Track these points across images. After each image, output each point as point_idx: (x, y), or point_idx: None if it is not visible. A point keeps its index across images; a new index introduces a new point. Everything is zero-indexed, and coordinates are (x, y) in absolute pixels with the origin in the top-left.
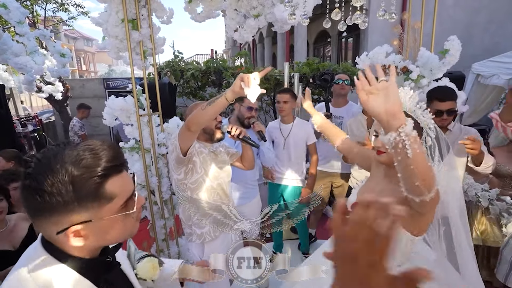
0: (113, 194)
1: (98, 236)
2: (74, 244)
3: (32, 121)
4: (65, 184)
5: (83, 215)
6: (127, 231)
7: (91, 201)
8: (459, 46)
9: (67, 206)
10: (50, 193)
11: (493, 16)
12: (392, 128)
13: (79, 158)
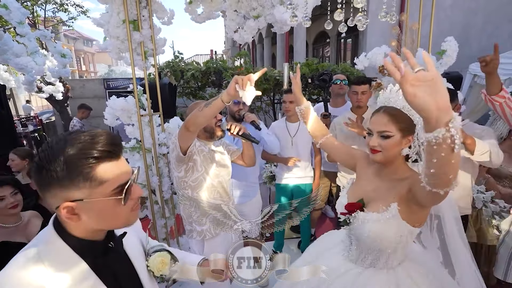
0: (103, 178)
1: (91, 217)
2: (69, 220)
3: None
4: (59, 162)
5: (75, 193)
6: (120, 218)
7: (82, 181)
8: (456, 47)
9: (61, 182)
10: (48, 169)
11: (489, 17)
12: (441, 124)
13: (77, 141)
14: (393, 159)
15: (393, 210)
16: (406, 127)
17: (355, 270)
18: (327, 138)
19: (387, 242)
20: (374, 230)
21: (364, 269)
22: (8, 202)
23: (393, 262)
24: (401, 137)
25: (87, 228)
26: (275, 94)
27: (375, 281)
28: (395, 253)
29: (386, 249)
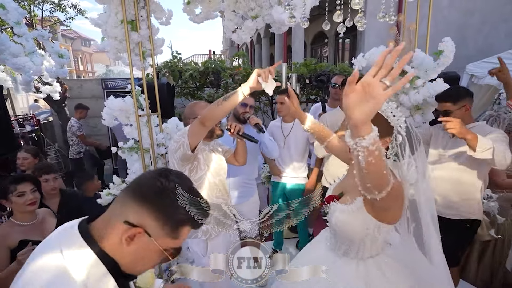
0: (179, 236)
1: (135, 251)
2: (120, 241)
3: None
4: (179, 204)
5: (154, 229)
6: (147, 266)
7: (170, 227)
8: (453, 47)
9: (162, 213)
10: (168, 199)
11: (486, 18)
12: (353, 135)
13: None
14: None
15: (358, 203)
16: (382, 129)
17: (332, 259)
18: (331, 140)
19: (353, 232)
20: (341, 219)
21: (338, 258)
22: (28, 198)
23: (364, 254)
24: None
25: (114, 252)
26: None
27: (346, 270)
28: (365, 245)
29: (354, 239)
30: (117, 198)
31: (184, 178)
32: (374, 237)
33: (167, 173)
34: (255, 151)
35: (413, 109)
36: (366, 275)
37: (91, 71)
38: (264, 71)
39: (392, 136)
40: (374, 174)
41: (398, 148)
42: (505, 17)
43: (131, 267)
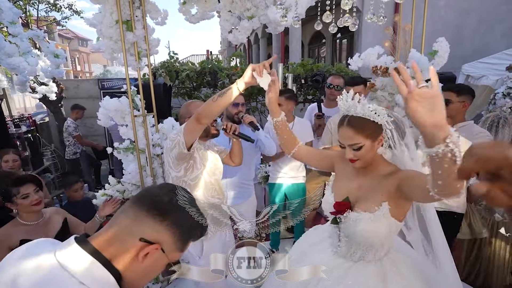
0: (185, 249)
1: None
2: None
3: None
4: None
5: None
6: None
7: (181, 243)
8: (447, 47)
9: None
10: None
11: (482, 18)
12: (439, 140)
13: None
14: (372, 161)
15: (384, 209)
16: (372, 132)
17: (345, 265)
18: (298, 148)
19: (378, 238)
20: (367, 229)
21: (354, 263)
22: (33, 199)
23: (380, 254)
24: (372, 142)
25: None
26: None
27: (365, 273)
28: (383, 247)
29: (374, 244)
30: (125, 214)
31: (188, 193)
32: (392, 237)
33: (175, 188)
34: (251, 152)
35: None
36: (383, 274)
37: (89, 71)
38: (259, 65)
39: (383, 132)
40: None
41: (390, 140)
42: (500, 17)
43: (135, 283)
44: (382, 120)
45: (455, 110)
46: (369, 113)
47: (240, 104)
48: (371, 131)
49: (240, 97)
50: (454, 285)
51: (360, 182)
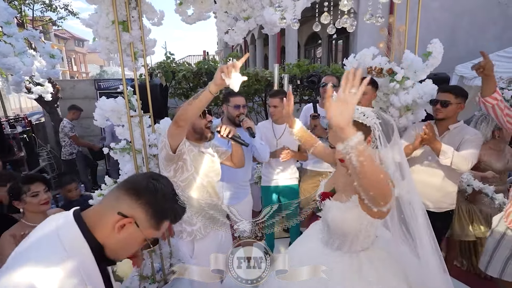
0: (160, 228)
1: (123, 238)
2: (113, 229)
3: (21, 122)
4: (165, 202)
5: (142, 221)
6: (129, 253)
7: (154, 221)
8: (441, 48)
9: (150, 209)
10: (158, 197)
11: (476, 20)
12: (341, 139)
13: (177, 200)
14: None
15: (353, 201)
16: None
17: (325, 251)
18: (316, 146)
19: (348, 227)
20: (337, 217)
21: (332, 251)
22: (42, 198)
23: (356, 247)
24: None
25: (105, 241)
26: (267, 94)
27: (339, 263)
28: (358, 239)
29: (348, 234)
30: (111, 193)
31: (169, 183)
32: (366, 232)
33: (157, 176)
34: (249, 153)
35: (402, 109)
36: (359, 268)
37: (85, 71)
38: (228, 66)
39: (371, 134)
40: (371, 176)
41: (378, 140)
42: (494, 19)
43: (115, 253)
44: (371, 122)
45: (453, 111)
46: (358, 115)
47: (241, 106)
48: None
49: (241, 99)
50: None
51: (347, 180)
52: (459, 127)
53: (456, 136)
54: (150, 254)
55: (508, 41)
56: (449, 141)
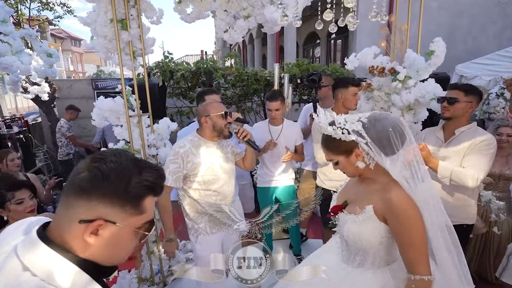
0: (145, 209)
1: (106, 243)
2: (86, 240)
3: (18, 122)
4: (124, 178)
5: (115, 214)
6: (125, 253)
7: (130, 204)
8: (443, 47)
9: (114, 198)
10: (113, 181)
11: (475, 19)
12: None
13: (141, 166)
14: (362, 172)
15: (368, 212)
16: (342, 150)
17: (346, 270)
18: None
19: (366, 242)
20: (352, 230)
21: (353, 269)
22: (27, 205)
23: (380, 263)
24: (346, 158)
25: (91, 253)
26: (266, 94)
27: (360, 280)
28: (380, 254)
29: (368, 249)
30: (61, 203)
31: (121, 153)
32: (388, 244)
33: (99, 155)
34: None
35: (404, 109)
36: (382, 283)
37: (82, 71)
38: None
39: (360, 148)
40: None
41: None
42: (492, 19)
43: (111, 259)
44: (349, 137)
45: (461, 110)
46: (333, 132)
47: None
48: (340, 148)
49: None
50: None
51: (359, 188)
52: (469, 131)
53: (464, 141)
54: (148, 256)
55: (507, 40)
56: (456, 149)
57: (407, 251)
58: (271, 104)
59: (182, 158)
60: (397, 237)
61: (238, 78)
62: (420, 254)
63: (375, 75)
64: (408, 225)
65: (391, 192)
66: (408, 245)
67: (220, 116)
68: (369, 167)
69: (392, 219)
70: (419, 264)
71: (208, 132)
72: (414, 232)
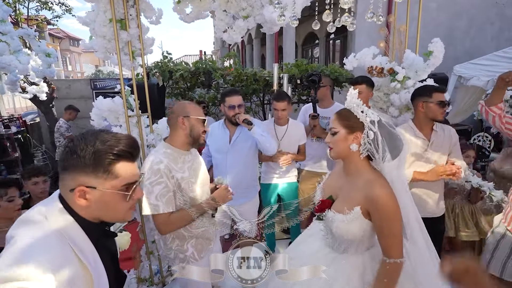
0: (119, 173)
1: (97, 205)
2: (79, 203)
3: (16, 122)
4: (89, 151)
5: (92, 181)
6: (119, 213)
7: (101, 171)
8: (442, 48)
9: (85, 168)
10: (78, 154)
11: (473, 20)
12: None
13: (106, 138)
14: (348, 156)
15: (356, 214)
16: (350, 124)
17: (331, 255)
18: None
19: (352, 236)
20: (340, 227)
21: (338, 254)
22: (17, 203)
23: (362, 249)
24: (347, 133)
25: (91, 213)
26: (265, 94)
27: (346, 264)
28: (362, 243)
29: (353, 240)
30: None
31: (89, 132)
32: (370, 235)
33: (70, 139)
34: (253, 150)
35: (403, 109)
36: (364, 266)
37: (80, 71)
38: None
39: (364, 132)
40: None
41: (371, 144)
42: (491, 20)
43: (110, 217)
44: (365, 119)
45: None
46: (354, 107)
47: (237, 106)
48: (349, 122)
49: (237, 98)
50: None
51: (344, 182)
52: (439, 127)
53: (443, 136)
54: (148, 256)
55: (505, 41)
56: (439, 144)
57: (385, 239)
58: (278, 104)
59: (166, 175)
60: (379, 229)
61: (237, 78)
62: (396, 241)
63: (374, 76)
64: (390, 219)
65: (376, 189)
66: (387, 235)
67: (201, 122)
68: (358, 155)
69: (376, 215)
70: (394, 248)
71: (181, 138)
72: (395, 224)
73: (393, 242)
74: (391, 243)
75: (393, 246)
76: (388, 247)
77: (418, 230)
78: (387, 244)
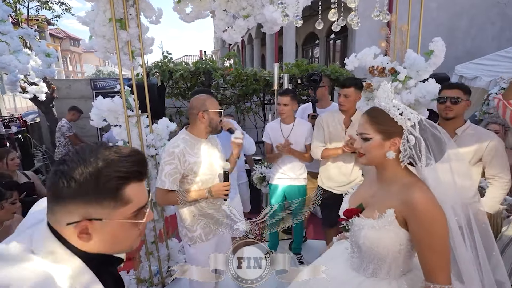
0: (129, 199)
1: (102, 239)
2: (80, 240)
3: (16, 122)
4: (91, 175)
5: (97, 211)
6: (128, 243)
7: (108, 199)
8: (443, 47)
9: (86, 197)
10: (77, 180)
11: (474, 20)
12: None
13: (109, 157)
14: (383, 163)
15: (389, 217)
16: (386, 130)
17: (357, 279)
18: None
19: (384, 250)
20: (369, 236)
21: (366, 278)
22: (18, 205)
23: (395, 272)
24: (382, 140)
25: (90, 248)
26: (265, 94)
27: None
28: (397, 263)
29: (385, 257)
30: (48, 210)
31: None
32: (407, 252)
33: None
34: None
35: None
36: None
37: (80, 71)
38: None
39: (403, 137)
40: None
41: (412, 150)
42: (491, 20)
43: (116, 249)
44: (405, 122)
45: (462, 110)
46: (391, 108)
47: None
48: (385, 127)
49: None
50: None
51: (376, 189)
52: (469, 131)
53: (468, 141)
54: (147, 257)
55: (506, 41)
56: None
57: (427, 256)
58: (280, 98)
59: (178, 158)
60: (418, 242)
61: (237, 78)
62: (441, 260)
63: (375, 75)
64: (431, 228)
65: (414, 193)
66: (429, 249)
67: (218, 114)
68: (394, 161)
69: (414, 222)
70: (439, 271)
71: (201, 129)
72: (438, 235)
73: (437, 260)
74: (434, 262)
75: (437, 267)
76: (431, 267)
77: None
78: (430, 263)
